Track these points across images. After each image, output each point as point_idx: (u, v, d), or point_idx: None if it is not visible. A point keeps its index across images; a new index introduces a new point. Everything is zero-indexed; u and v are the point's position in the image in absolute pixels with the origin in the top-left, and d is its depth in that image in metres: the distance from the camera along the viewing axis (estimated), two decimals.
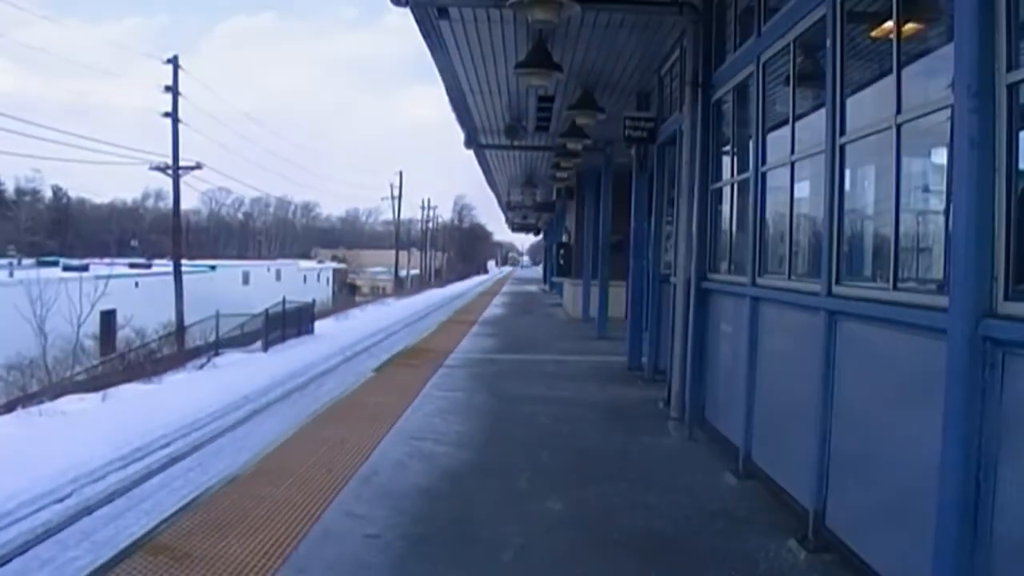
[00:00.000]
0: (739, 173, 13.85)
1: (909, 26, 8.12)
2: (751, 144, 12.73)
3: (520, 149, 32.55)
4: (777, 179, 11.91)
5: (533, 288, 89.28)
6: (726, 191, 14.68)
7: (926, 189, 8.58)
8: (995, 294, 6.06)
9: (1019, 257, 5.96)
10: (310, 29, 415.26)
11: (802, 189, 11.11)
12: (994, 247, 6.04)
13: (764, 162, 12.24)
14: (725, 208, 14.76)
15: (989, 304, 6.08)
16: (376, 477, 11.99)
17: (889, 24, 8.29)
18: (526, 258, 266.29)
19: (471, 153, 34.41)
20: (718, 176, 14.99)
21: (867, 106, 9.11)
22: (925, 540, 6.64)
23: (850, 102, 9.31)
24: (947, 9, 7.06)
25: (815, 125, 10.17)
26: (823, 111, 9.69)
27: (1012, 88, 6.00)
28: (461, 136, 30.25)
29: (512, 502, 11.01)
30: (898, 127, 7.94)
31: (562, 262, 47.67)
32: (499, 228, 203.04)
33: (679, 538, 9.77)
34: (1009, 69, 6.00)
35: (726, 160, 14.91)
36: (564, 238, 52.50)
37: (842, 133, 9.25)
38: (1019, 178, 6.03)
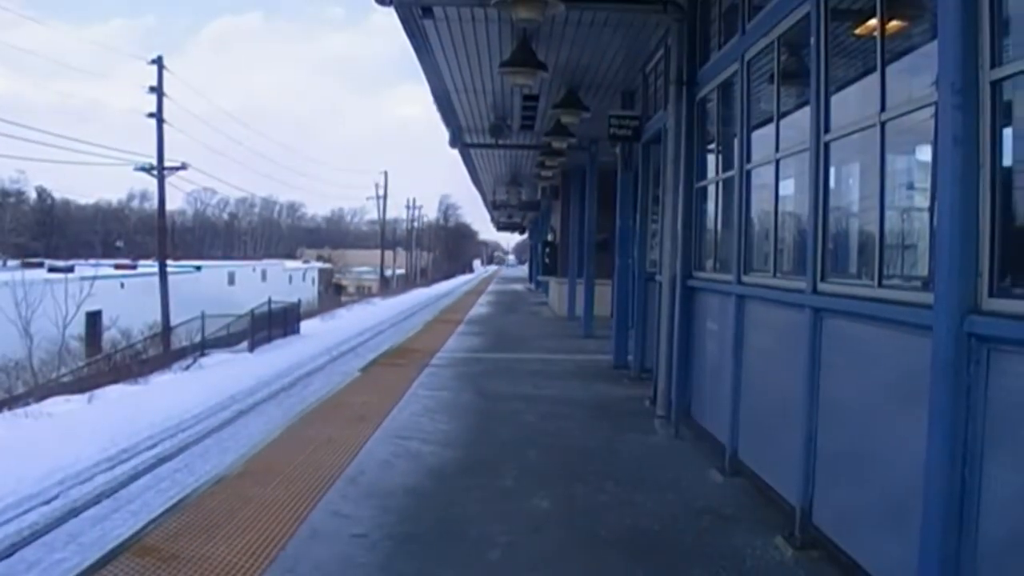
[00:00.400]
0: (724, 171, 13.85)
1: (893, 24, 8.14)
2: (736, 142, 12.75)
3: (505, 148, 32.56)
4: (762, 177, 11.93)
5: (519, 287, 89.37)
6: (711, 189, 14.70)
7: (911, 186, 8.61)
8: (980, 290, 6.07)
9: (1003, 253, 5.98)
10: (296, 29, 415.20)
11: (787, 187, 11.14)
12: (978, 244, 6.06)
13: (749, 160, 12.27)
14: (710, 206, 14.79)
15: (974, 300, 6.09)
16: (363, 476, 12.00)
17: (873, 22, 8.31)
18: (512, 257, 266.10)
19: (457, 152, 34.44)
20: (703, 174, 15.00)
21: (851, 104, 9.12)
22: (911, 536, 6.66)
23: (834, 100, 9.33)
24: (931, 7, 7.07)
25: (800, 123, 10.20)
26: (807, 109, 9.71)
27: (995, 85, 6.01)
28: (446, 135, 30.27)
29: (499, 501, 11.03)
30: (882, 124, 7.97)
31: (547, 261, 47.74)
32: (484, 227, 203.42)
33: (666, 536, 9.79)
34: (993, 66, 6.02)
35: (711, 158, 14.92)
36: (549, 237, 52.55)
37: (827, 131, 9.27)
38: (1003, 175, 6.05)
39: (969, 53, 6.12)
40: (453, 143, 31.05)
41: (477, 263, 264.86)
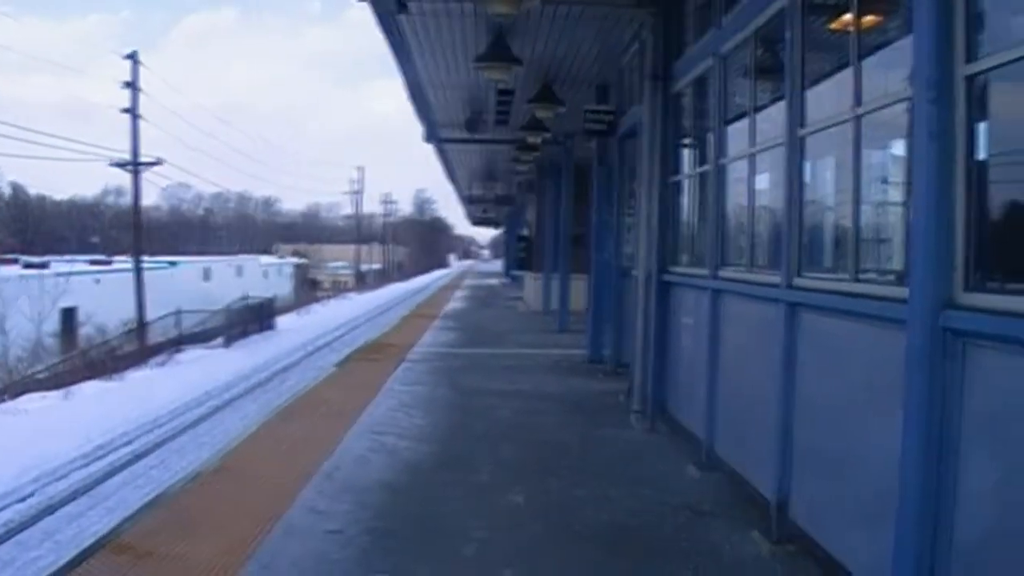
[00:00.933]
0: (699, 165, 13.88)
1: (868, 18, 8.15)
2: (711, 136, 12.78)
3: (480, 143, 32.53)
4: (737, 171, 11.95)
5: (494, 282, 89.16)
6: (686, 184, 14.72)
7: (886, 181, 8.61)
8: (955, 285, 6.07)
9: (979, 247, 5.99)
10: (274, 24, 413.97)
11: (762, 181, 11.14)
12: (954, 238, 6.06)
13: (724, 154, 12.29)
14: (685, 200, 14.81)
15: (949, 295, 6.09)
16: (339, 472, 11.97)
17: (849, 16, 8.32)
18: (487, 252, 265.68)
19: (432, 147, 34.43)
20: (678, 169, 15.02)
21: (827, 98, 9.13)
22: (887, 531, 6.66)
23: (810, 94, 9.35)
24: (906, 1, 7.08)
25: (775, 117, 10.22)
26: (783, 103, 9.73)
27: (970, 80, 6.02)
28: (421, 130, 30.25)
29: (475, 495, 11.03)
30: (858, 119, 7.98)
31: (523, 255, 47.80)
32: (460, 222, 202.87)
33: (642, 531, 9.80)
34: (968, 61, 6.03)
35: (686, 153, 14.95)
36: (525, 231, 52.66)
37: (802, 125, 9.29)
38: (978, 169, 6.06)
39: (944, 47, 6.12)
40: (428, 138, 31.06)
41: (452, 258, 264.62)
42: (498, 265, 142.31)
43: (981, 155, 6.09)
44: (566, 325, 31.62)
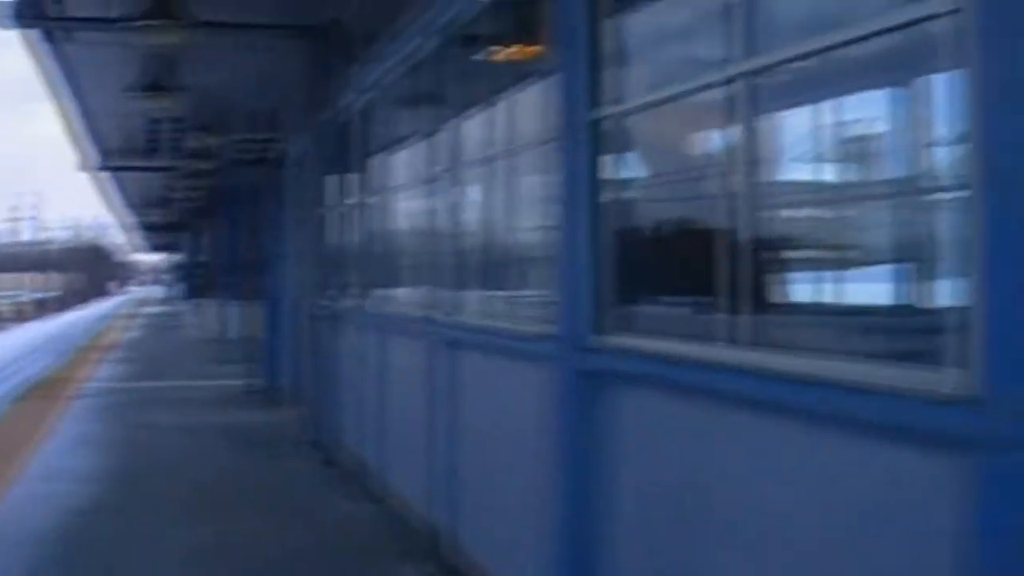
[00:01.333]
0: (360, 195, 13.93)
1: (522, 53, 8.31)
2: (369, 167, 12.94)
3: (151, 170, 32.11)
4: (399, 202, 12.08)
5: (170, 308, 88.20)
6: (348, 213, 14.74)
7: (539, 218, 8.77)
8: (593, 326, 6.24)
9: (614, 291, 6.16)
10: None
11: (419, 214, 11.23)
12: (592, 279, 6.23)
13: (382, 185, 12.43)
14: (348, 230, 14.82)
15: (590, 336, 6.25)
16: (5, 525, 11.58)
17: (503, 53, 8.49)
18: (163, 278, 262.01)
19: (100, 174, 33.77)
20: (340, 198, 15.05)
21: (480, 132, 9.27)
22: (547, 559, 6.81)
23: (467, 126, 9.48)
24: (552, 43, 7.24)
25: (433, 148, 10.32)
26: (441, 134, 9.87)
27: (597, 123, 6.23)
28: (88, 156, 29.62)
29: (143, 538, 10.87)
30: (506, 155, 8.15)
31: (199, 282, 47.24)
32: (135, 248, 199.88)
33: (312, 566, 9.81)
34: (595, 107, 6.22)
35: (346, 181, 14.97)
36: (199, 258, 51.99)
37: (458, 158, 9.42)
38: (611, 211, 6.23)
39: (579, 93, 6.34)
40: (94, 165, 30.43)
41: (128, 285, 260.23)
42: (175, 291, 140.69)
43: (611, 196, 6.28)
44: (239, 354, 31.31)
